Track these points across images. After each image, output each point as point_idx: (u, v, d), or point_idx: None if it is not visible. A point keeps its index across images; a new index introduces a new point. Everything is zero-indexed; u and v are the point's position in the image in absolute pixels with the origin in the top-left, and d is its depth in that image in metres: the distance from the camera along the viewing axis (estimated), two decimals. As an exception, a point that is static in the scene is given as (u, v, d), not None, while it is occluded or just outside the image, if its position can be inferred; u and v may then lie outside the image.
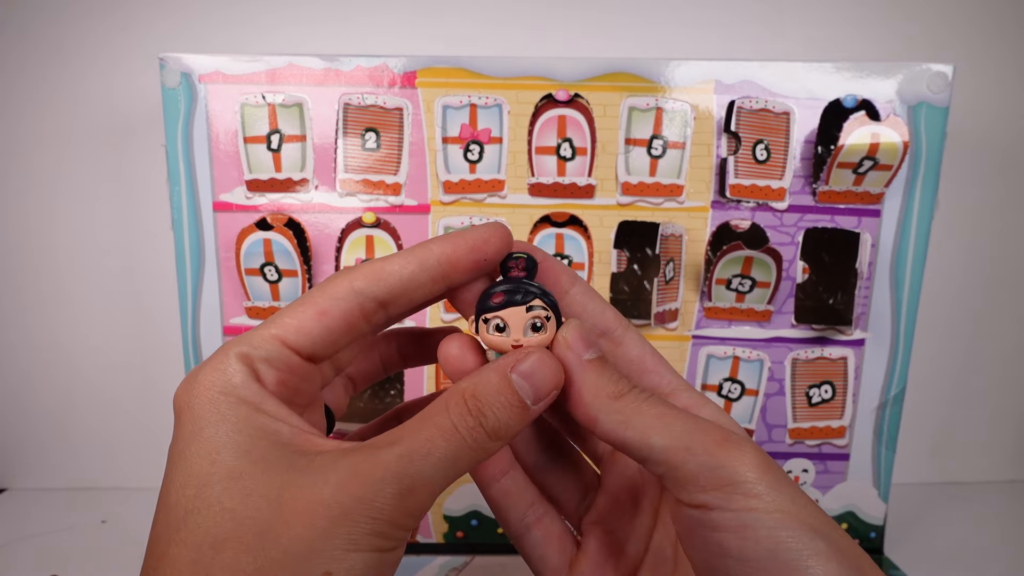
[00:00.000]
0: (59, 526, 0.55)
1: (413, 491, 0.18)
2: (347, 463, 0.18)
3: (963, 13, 0.57)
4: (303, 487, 0.18)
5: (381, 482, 0.18)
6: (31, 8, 0.55)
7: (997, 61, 0.58)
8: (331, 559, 0.17)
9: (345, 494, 0.18)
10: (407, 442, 0.19)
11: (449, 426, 0.19)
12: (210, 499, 0.18)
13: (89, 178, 0.57)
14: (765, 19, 0.57)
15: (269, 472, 0.18)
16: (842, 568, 0.18)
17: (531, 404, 0.21)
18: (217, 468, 0.18)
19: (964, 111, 0.56)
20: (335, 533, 0.17)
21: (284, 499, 0.18)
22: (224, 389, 0.19)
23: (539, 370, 0.21)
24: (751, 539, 0.18)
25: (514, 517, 0.26)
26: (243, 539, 0.17)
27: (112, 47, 0.56)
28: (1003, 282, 0.62)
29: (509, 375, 0.20)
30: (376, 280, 0.21)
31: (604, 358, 0.22)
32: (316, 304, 0.21)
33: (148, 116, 0.55)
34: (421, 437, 0.19)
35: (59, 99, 0.56)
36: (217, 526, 0.17)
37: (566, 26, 0.57)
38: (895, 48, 0.57)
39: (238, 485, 0.18)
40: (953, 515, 0.59)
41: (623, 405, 0.21)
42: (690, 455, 0.19)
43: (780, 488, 0.19)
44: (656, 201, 0.45)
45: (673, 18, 0.57)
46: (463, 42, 0.55)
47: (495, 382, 0.20)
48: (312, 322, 0.21)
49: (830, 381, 0.48)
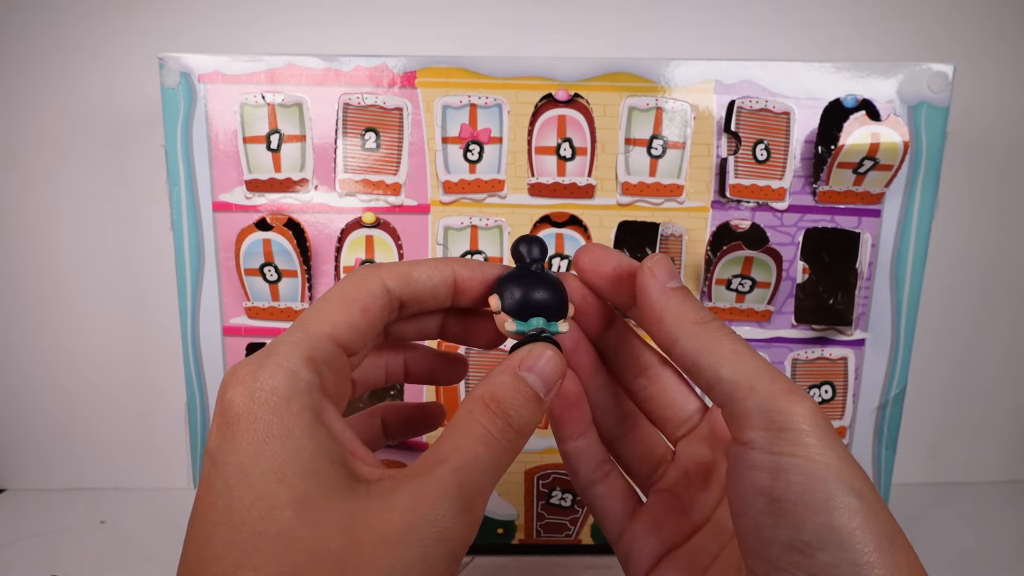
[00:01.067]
0: (58, 527, 0.55)
1: (472, 502, 0.19)
2: (409, 488, 0.18)
3: (963, 13, 0.57)
4: (372, 515, 0.18)
5: (445, 499, 0.18)
6: (30, 8, 0.55)
7: (998, 61, 0.58)
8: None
9: (415, 517, 0.18)
10: (455, 457, 0.19)
11: (483, 432, 0.20)
12: (281, 525, 0.17)
13: (88, 178, 0.57)
14: (765, 19, 0.57)
15: (333, 498, 0.18)
16: (869, 526, 0.18)
17: (543, 396, 0.22)
18: (283, 490, 0.18)
19: (965, 111, 0.56)
20: (411, 560, 0.17)
21: (356, 529, 0.18)
22: (288, 395, 0.19)
23: (545, 364, 0.22)
24: (783, 480, 0.19)
25: (583, 472, 0.27)
26: (322, 573, 0.17)
27: (111, 47, 0.56)
28: (1003, 282, 0.62)
29: (520, 373, 0.21)
30: (405, 283, 0.23)
31: (687, 289, 0.23)
32: (358, 300, 0.21)
33: (147, 116, 0.55)
34: (465, 448, 0.20)
35: (59, 99, 0.56)
36: (293, 556, 0.17)
37: (566, 26, 0.57)
38: (895, 48, 0.57)
39: (309, 513, 0.18)
40: (953, 515, 0.59)
41: (702, 331, 0.22)
42: (752, 393, 0.20)
43: (828, 444, 0.19)
44: (656, 201, 0.45)
45: (673, 18, 0.57)
46: (463, 42, 0.55)
47: (509, 382, 0.21)
48: (359, 319, 0.21)
49: (830, 381, 0.48)
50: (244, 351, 0.47)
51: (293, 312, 0.46)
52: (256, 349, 0.47)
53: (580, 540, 0.50)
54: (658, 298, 0.23)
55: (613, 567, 0.49)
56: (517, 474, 0.49)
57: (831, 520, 0.18)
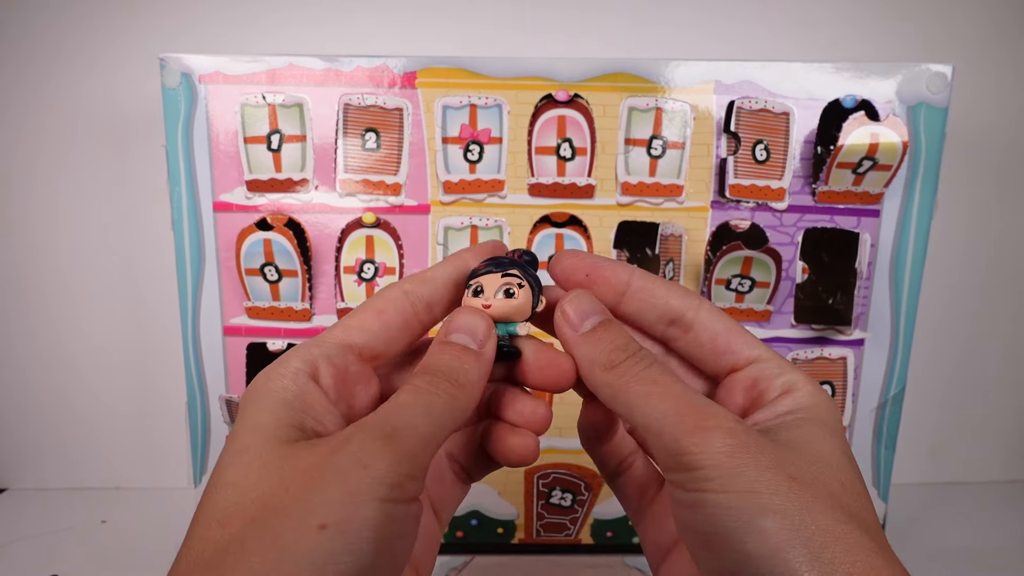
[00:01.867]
0: (59, 526, 0.55)
1: (397, 434, 0.19)
2: (339, 433, 0.20)
3: (962, 13, 0.57)
4: (301, 459, 0.19)
5: (365, 430, 0.19)
6: (31, 9, 0.55)
7: (996, 61, 0.58)
8: (327, 511, 0.18)
9: (333, 451, 0.19)
10: (384, 405, 0.21)
11: (410, 387, 0.22)
12: (223, 478, 0.19)
13: (89, 178, 0.57)
14: (764, 20, 0.57)
15: (274, 452, 0.20)
16: (789, 544, 0.18)
17: (477, 347, 0.23)
18: (243, 457, 0.20)
19: (963, 111, 0.56)
20: (328, 486, 0.18)
21: (285, 471, 0.19)
22: (267, 379, 0.21)
23: (464, 319, 0.23)
24: (700, 514, 0.19)
25: (609, 466, 0.28)
26: (247, 512, 0.18)
27: (112, 48, 0.56)
28: (1002, 282, 0.62)
29: (442, 340, 0.23)
30: (421, 283, 0.24)
31: (606, 323, 0.23)
32: (374, 306, 0.24)
33: (148, 116, 0.55)
34: (393, 399, 0.21)
35: (60, 100, 0.56)
36: (224, 501, 0.19)
37: (566, 26, 0.57)
38: (894, 48, 0.57)
39: (243, 460, 0.19)
40: (953, 515, 0.59)
41: (614, 377, 0.22)
42: (660, 440, 0.20)
43: (741, 472, 0.19)
44: (656, 201, 0.45)
45: (672, 19, 0.57)
46: (463, 42, 0.56)
47: (435, 349, 0.23)
48: (372, 320, 0.23)
49: (830, 381, 0.48)
50: (244, 351, 0.47)
51: (293, 312, 0.46)
52: (257, 349, 0.47)
53: (580, 540, 0.50)
54: (573, 348, 0.23)
55: (614, 566, 0.49)
56: (517, 473, 0.49)
57: (746, 547, 0.18)
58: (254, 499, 0.18)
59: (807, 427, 0.21)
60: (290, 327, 0.47)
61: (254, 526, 0.18)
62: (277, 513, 0.18)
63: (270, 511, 0.18)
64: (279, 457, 0.19)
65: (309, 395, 0.21)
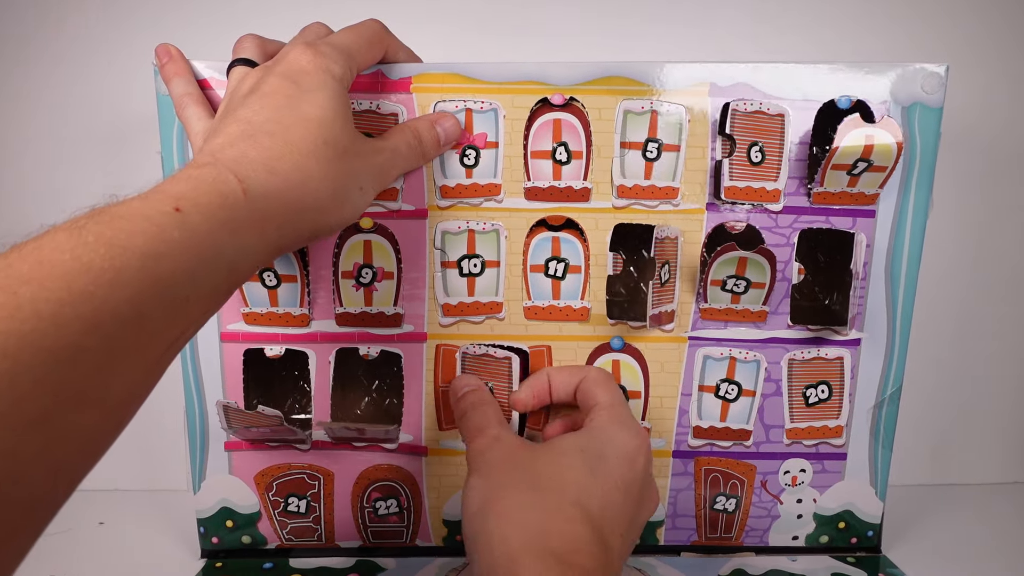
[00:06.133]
0: (57, 527, 0.55)
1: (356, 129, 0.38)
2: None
3: (956, 13, 0.57)
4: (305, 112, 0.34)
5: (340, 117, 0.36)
6: (27, 15, 0.55)
7: (991, 61, 0.58)
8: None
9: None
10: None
11: (403, 141, 0.41)
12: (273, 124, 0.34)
13: (84, 185, 0.57)
14: (759, 21, 0.57)
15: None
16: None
17: (442, 142, 0.43)
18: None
19: (959, 111, 0.56)
20: (312, 131, 0.34)
21: (291, 117, 0.34)
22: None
23: (450, 125, 0.43)
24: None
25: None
26: (266, 127, 0.33)
27: (107, 54, 0.56)
28: (999, 281, 0.62)
29: (434, 127, 0.42)
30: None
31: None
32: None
33: (143, 122, 0.55)
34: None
35: (54, 106, 0.56)
36: (256, 114, 0.33)
37: (561, 30, 0.57)
38: (889, 49, 0.57)
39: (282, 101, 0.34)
40: (952, 515, 0.59)
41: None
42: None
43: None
44: (651, 204, 0.45)
45: (667, 21, 0.57)
46: (458, 47, 0.56)
47: (427, 125, 0.42)
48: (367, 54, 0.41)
49: (827, 381, 0.48)
50: (242, 357, 0.47)
51: (292, 318, 0.46)
52: (254, 355, 0.47)
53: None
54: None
55: (612, 568, 0.49)
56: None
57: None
58: (276, 120, 0.33)
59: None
60: (288, 332, 0.47)
61: (272, 126, 0.33)
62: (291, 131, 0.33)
63: (284, 126, 0.33)
64: (296, 104, 0.35)
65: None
